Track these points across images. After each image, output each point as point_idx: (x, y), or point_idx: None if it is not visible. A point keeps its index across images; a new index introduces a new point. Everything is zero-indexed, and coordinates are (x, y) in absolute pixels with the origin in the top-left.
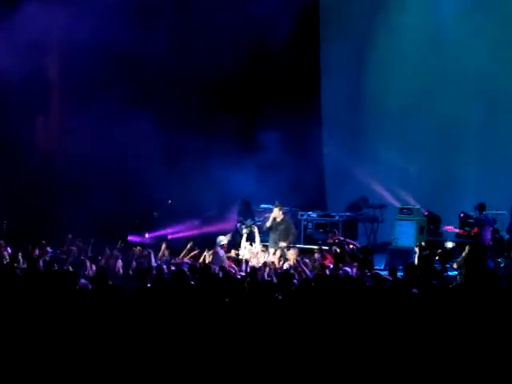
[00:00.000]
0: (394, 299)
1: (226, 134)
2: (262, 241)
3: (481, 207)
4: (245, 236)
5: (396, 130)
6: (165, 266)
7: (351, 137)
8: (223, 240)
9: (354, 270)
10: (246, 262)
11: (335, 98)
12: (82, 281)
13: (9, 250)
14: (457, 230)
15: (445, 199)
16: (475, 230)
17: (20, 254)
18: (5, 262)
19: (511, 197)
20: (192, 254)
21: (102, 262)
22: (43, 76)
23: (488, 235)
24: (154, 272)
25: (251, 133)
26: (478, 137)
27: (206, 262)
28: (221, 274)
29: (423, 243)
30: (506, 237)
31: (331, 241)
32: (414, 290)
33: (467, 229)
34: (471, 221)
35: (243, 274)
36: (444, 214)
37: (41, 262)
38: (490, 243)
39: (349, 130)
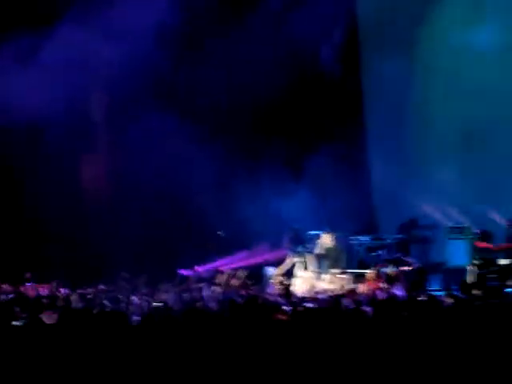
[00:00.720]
0: (451, 320)
1: (272, 160)
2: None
3: None
4: (298, 264)
5: (443, 149)
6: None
7: (397, 156)
8: (272, 271)
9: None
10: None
11: (379, 119)
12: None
13: (62, 290)
14: (487, 245)
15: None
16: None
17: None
18: (60, 304)
19: None
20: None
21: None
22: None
23: None
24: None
25: (298, 158)
26: None
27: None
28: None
29: (477, 262)
30: None
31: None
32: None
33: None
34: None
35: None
36: (497, 230)
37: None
38: None
39: (394, 149)
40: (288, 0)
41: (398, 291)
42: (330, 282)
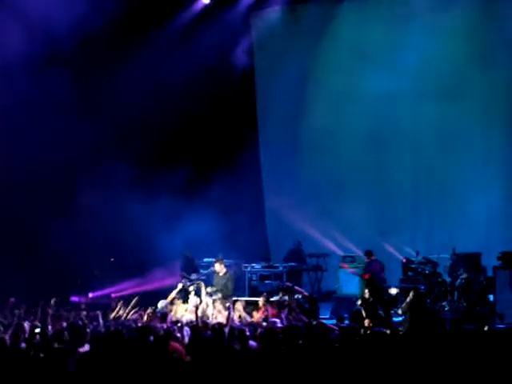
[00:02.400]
0: (342, 348)
1: (168, 185)
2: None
3: (367, 253)
4: (193, 292)
5: (334, 177)
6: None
7: (291, 184)
8: (162, 304)
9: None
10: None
11: (273, 145)
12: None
13: None
14: (350, 270)
15: (386, 245)
16: (366, 275)
17: None
18: None
19: (452, 241)
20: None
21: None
22: None
23: (380, 278)
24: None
25: (193, 185)
26: (417, 181)
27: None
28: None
29: (366, 293)
30: (448, 280)
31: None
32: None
33: (358, 270)
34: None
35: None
36: (386, 259)
37: None
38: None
39: (288, 176)
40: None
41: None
42: (221, 309)
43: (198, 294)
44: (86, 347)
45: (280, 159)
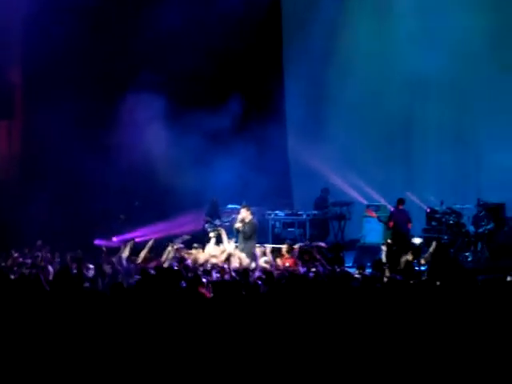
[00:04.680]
0: (362, 296)
1: (196, 132)
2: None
3: (398, 202)
4: (213, 240)
5: (359, 127)
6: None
7: (316, 135)
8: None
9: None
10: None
11: (298, 95)
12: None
13: None
14: (376, 216)
15: (410, 195)
16: (390, 223)
17: None
18: None
19: (477, 190)
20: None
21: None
22: None
23: (404, 228)
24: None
25: (218, 132)
26: (440, 132)
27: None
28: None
29: (389, 240)
30: (472, 231)
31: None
32: (379, 286)
33: (383, 218)
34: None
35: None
36: (411, 208)
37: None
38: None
39: (313, 127)
40: None
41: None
42: (246, 255)
43: (218, 240)
44: None
45: (305, 107)
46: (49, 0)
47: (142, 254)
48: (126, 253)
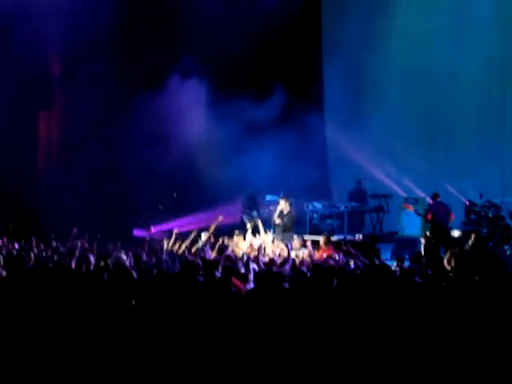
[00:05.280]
0: (400, 289)
1: (232, 123)
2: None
3: (434, 195)
4: (250, 230)
5: (398, 118)
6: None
7: (355, 125)
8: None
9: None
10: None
11: (337, 84)
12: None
13: (16, 245)
14: (412, 209)
15: (449, 188)
16: (429, 216)
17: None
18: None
19: None
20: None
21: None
22: None
23: (443, 220)
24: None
25: (257, 121)
26: (481, 124)
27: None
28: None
29: (428, 233)
30: (511, 224)
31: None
32: (417, 279)
33: (421, 211)
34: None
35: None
36: (450, 201)
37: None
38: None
39: (352, 117)
40: None
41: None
42: (283, 247)
43: (255, 231)
44: None
45: (345, 96)
46: None
47: (184, 245)
48: (168, 243)
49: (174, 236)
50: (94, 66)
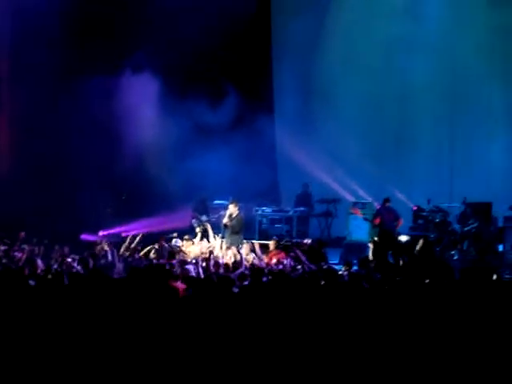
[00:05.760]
0: (349, 294)
1: (182, 122)
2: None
3: (384, 200)
4: (199, 234)
5: (348, 123)
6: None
7: (305, 129)
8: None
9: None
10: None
11: (287, 87)
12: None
13: None
14: (361, 214)
15: (397, 193)
16: (377, 220)
17: None
18: None
19: (463, 190)
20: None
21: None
22: None
23: (391, 226)
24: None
25: (208, 126)
26: (431, 129)
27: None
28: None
29: (376, 238)
30: (458, 229)
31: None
32: (365, 284)
33: (369, 216)
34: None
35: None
36: (398, 206)
37: None
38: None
39: (301, 122)
40: None
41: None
42: (232, 251)
43: (204, 235)
44: None
45: (294, 101)
46: None
47: (124, 248)
48: (123, 247)
49: (128, 240)
50: (42, 64)
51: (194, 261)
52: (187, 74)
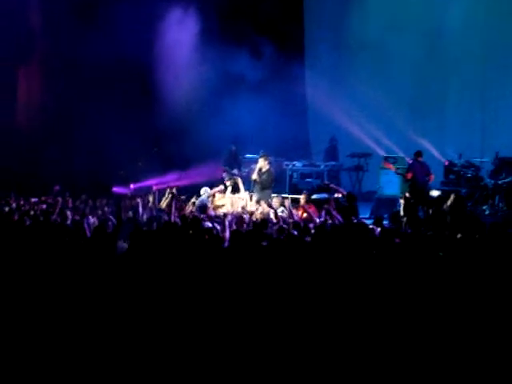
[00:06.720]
0: (380, 248)
1: (213, 74)
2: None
3: (416, 154)
4: (229, 188)
5: (379, 76)
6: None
7: (336, 82)
8: (207, 190)
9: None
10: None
11: (319, 38)
12: None
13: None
14: (393, 169)
15: (429, 147)
16: (409, 175)
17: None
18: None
19: (496, 145)
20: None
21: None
22: None
23: (421, 179)
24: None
25: (239, 78)
26: (463, 84)
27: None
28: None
29: (407, 193)
30: (490, 184)
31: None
32: (397, 240)
33: (400, 170)
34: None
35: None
36: (429, 161)
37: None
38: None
39: (333, 74)
40: None
41: (332, 217)
42: (263, 205)
43: (235, 189)
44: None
45: (325, 52)
46: None
47: (164, 202)
48: (150, 199)
49: (152, 194)
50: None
51: (229, 217)
52: (222, 23)
